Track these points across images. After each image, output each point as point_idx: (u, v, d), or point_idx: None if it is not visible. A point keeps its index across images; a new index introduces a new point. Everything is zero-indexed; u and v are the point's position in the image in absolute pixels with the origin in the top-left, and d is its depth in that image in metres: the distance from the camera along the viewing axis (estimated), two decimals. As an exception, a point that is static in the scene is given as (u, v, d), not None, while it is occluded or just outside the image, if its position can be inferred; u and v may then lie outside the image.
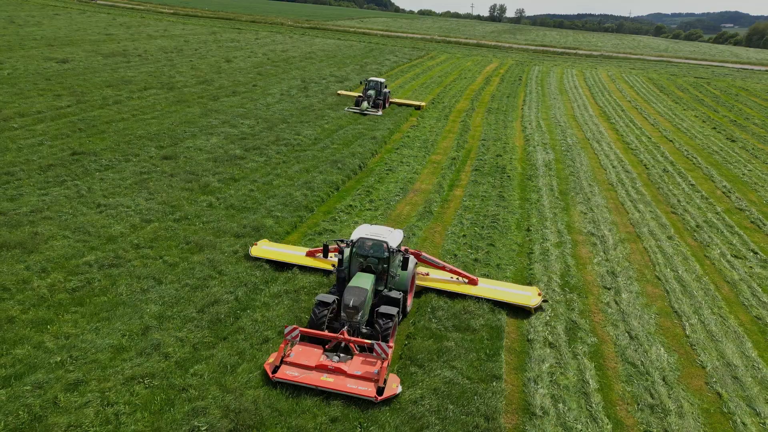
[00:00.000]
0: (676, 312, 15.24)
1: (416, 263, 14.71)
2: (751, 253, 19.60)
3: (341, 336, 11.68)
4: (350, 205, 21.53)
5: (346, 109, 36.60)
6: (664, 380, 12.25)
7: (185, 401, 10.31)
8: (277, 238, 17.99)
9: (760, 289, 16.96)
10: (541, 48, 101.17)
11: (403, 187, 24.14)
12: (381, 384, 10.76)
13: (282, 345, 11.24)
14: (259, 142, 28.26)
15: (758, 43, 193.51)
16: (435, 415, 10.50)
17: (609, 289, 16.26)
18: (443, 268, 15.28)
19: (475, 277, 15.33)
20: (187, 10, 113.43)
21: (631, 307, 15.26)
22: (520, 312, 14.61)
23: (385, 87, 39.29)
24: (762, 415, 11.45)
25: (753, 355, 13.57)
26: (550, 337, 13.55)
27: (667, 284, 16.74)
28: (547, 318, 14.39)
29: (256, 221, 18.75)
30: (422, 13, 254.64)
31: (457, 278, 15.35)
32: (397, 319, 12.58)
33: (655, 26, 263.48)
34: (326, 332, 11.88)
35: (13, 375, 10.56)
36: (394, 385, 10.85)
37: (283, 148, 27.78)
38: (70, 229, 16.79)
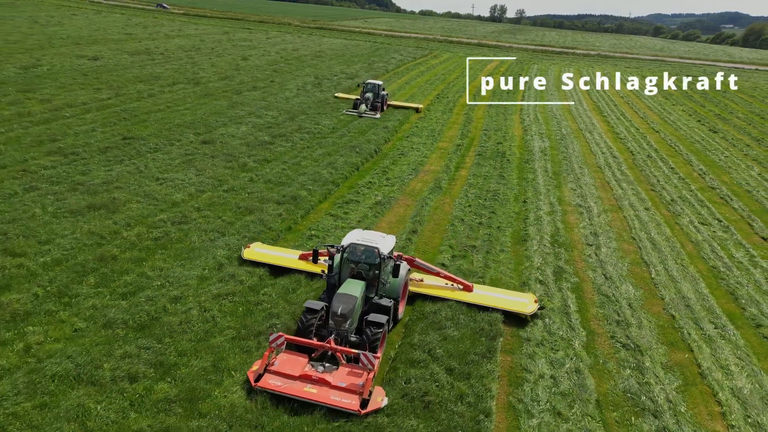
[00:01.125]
0: (645, 262, 18.50)
1: (408, 270, 14.33)
2: (716, 221, 22.85)
3: (328, 345, 11.47)
4: (370, 182, 24.78)
5: (344, 111, 36.49)
6: (629, 306, 15.51)
7: (261, 310, 13.59)
8: (311, 206, 21.21)
9: (719, 247, 20.20)
10: (540, 48, 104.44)
11: (414, 168, 27.39)
12: (366, 396, 10.52)
13: (266, 353, 11.03)
14: (283, 130, 31.49)
15: (755, 44, 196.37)
16: (450, 320, 13.77)
17: (591, 245, 19.52)
18: (437, 274, 15.05)
19: (469, 284, 15.17)
20: (197, 10, 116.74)
21: (608, 258, 18.52)
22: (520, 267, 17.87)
23: (383, 89, 38.79)
24: (704, 330, 14.68)
25: (705, 292, 16.81)
26: (540, 277, 16.80)
27: (640, 243, 20.00)
28: (538, 264, 17.64)
29: (292, 192, 22.01)
30: (423, 13, 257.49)
31: (452, 284, 15.19)
32: (386, 327, 12.34)
33: (654, 27, 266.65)
34: (312, 341, 11.67)
35: (128, 292, 13.83)
36: (379, 399, 10.59)
37: (305, 135, 31.00)
38: (140, 196, 20.07)
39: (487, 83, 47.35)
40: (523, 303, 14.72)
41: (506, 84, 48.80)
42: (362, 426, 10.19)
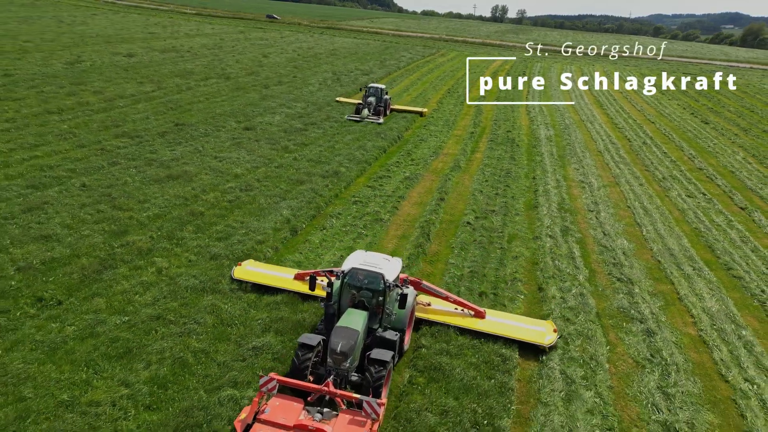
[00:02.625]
0: (637, 224, 21.90)
1: (416, 296, 13.28)
2: (701, 195, 26.25)
3: (325, 388, 10.18)
4: (397, 162, 28.18)
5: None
6: (623, 254, 18.91)
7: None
8: (350, 180, 24.56)
9: (702, 214, 23.58)
10: (542, 47, 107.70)
11: (434, 151, 30.80)
12: None
13: (256, 398, 9.87)
14: (313, 119, 34.88)
15: (753, 44, 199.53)
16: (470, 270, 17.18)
17: (592, 211, 22.91)
18: (446, 299, 13.97)
19: (482, 309, 13.98)
20: (209, 10, 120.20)
21: (606, 220, 21.92)
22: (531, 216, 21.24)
23: (386, 93, 37.86)
24: (684, 270, 18.02)
25: (687, 245, 20.20)
26: (549, 233, 20.19)
27: (633, 210, 23.39)
28: (548, 224, 21.03)
29: (333, 168, 25.40)
30: (425, 13, 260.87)
31: (462, 309, 14.04)
32: (392, 364, 11.04)
33: (653, 27, 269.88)
34: (308, 383, 10.36)
35: (221, 237, 17.26)
36: None
37: (333, 123, 34.38)
38: (206, 170, 23.48)
39: (491, 81, 50.71)
40: (541, 333, 13.33)
41: (504, 84, 52.17)
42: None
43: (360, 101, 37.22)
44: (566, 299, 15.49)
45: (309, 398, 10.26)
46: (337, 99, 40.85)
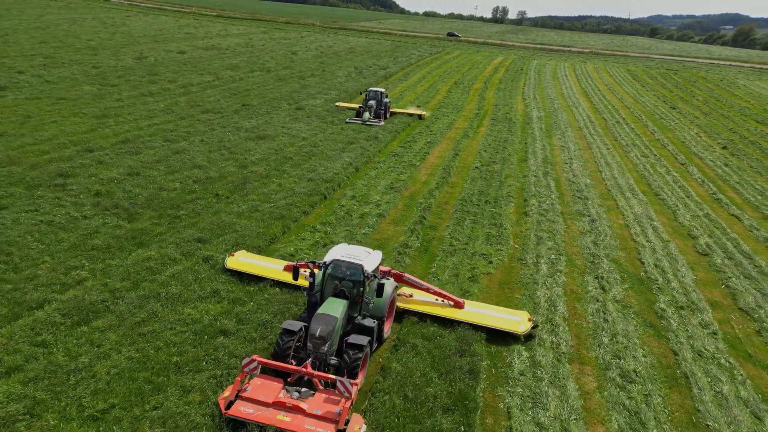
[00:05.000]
0: (599, 171, 30.03)
1: (395, 287, 13.80)
2: (653, 155, 34.37)
3: (304, 370, 10.94)
4: (420, 132, 36.29)
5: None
6: (585, 186, 27.02)
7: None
8: (386, 143, 32.65)
9: (649, 166, 31.68)
10: (540, 46, 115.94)
11: (447, 126, 38.93)
12: (342, 426, 10.06)
13: (238, 378, 10.56)
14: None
15: (743, 43, 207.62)
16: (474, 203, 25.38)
17: (566, 163, 31.04)
18: (427, 290, 14.67)
19: (461, 300, 14.75)
20: (228, 12, 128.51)
21: (576, 168, 30.05)
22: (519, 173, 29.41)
23: (386, 97, 39.25)
24: (626, 195, 26.11)
25: (632, 183, 28.29)
26: (534, 174, 28.31)
27: (598, 163, 31.52)
28: (534, 169, 29.15)
29: (372, 135, 33.49)
30: (427, 14, 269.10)
31: (443, 300, 14.73)
32: (369, 349, 11.87)
33: (650, 28, 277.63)
34: (288, 364, 11.14)
35: (310, 170, 25.36)
36: (356, 427, 10.12)
37: (365, 106, 42.49)
38: (281, 134, 31.61)
39: (495, 73, 58.70)
40: (516, 321, 14.13)
41: (510, 75, 60.05)
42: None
43: (360, 105, 38.67)
44: (541, 205, 23.65)
45: (289, 379, 11.11)
46: (337, 104, 41.27)
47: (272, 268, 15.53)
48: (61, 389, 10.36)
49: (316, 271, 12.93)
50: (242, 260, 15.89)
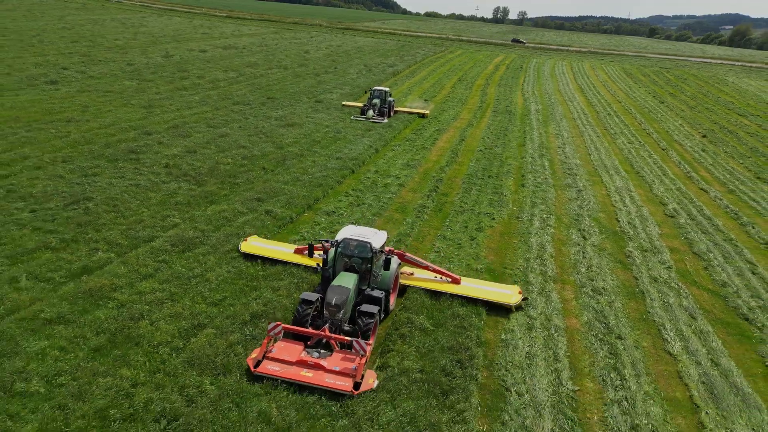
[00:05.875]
0: (588, 154, 34.05)
1: (399, 264, 14.96)
2: (638, 142, 38.39)
3: (322, 333, 12.09)
4: (428, 122, 40.31)
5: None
6: (575, 165, 31.04)
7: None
8: (398, 132, 36.66)
9: (634, 151, 35.70)
10: (539, 45, 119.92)
11: (453, 117, 42.97)
12: (358, 379, 11.15)
13: (265, 341, 11.68)
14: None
15: (739, 43, 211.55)
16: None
17: (560, 148, 35.07)
18: (426, 268, 15.64)
19: (457, 276, 15.74)
20: (237, 13, 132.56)
21: (568, 152, 34.08)
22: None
23: (390, 96, 40.51)
24: (610, 173, 30.13)
25: (617, 163, 32.29)
26: (531, 156, 32.34)
27: (588, 148, 35.54)
28: (531, 152, 33.17)
29: (387, 124, 37.49)
30: (428, 15, 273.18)
31: (441, 277, 15.75)
32: (378, 317, 13.04)
33: (649, 28, 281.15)
34: (307, 329, 12.28)
35: (337, 150, 29.39)
36: (370, 381, 11.22)
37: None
38: (306, 123, 35.63)
39: (496, 71, 62.68)
40: (508, 294, 15.24)
41: (511, 72, 64.04)
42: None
43: (365, 103, 40.37)
44: (536, 179, 27.69)
45: (309, 342, 12.30)
46: (344, 103, 42.70)
47: (283, 251, 16.53)
48: (187, 287, 14.44)
49: (329, 248, 14.17)
50: (255, 244, 16.84)
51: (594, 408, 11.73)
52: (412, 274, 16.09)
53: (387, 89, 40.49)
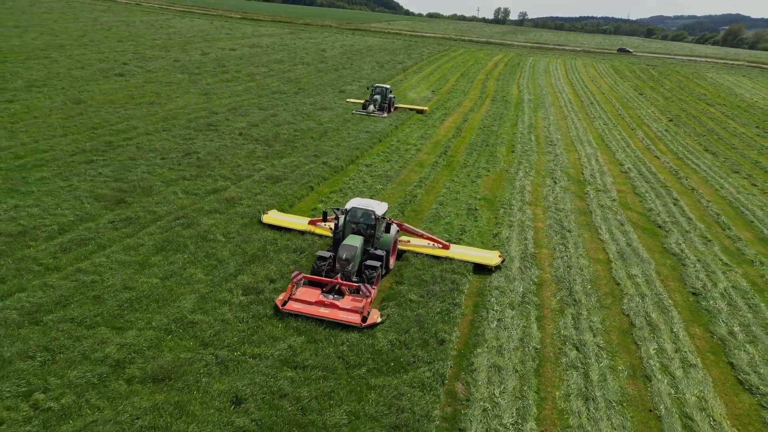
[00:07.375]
0: (568, 132, 41.49)
1: (398, 231, 17.59)
2: (612, 124, 45.82)
3: (336, 280, 14.91)
4: (436, 108, 47.79)
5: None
6: (556, 138, 38.49)
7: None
8: (411, 114, 44.05)
9: (608, 131, 43.11)
10: (537, 45, 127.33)
11: (457, 104, 50.44)
12: (365, 314, 14.01)
13: (289, 286, 14.70)
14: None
15: (732, 43, 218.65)
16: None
17: (546, 128, 42.51)
18: (421, 236, 18.35)
19: (447, 243, 18.40)
20: (251, 14, 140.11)
21: (552, 130, 41.52)
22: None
23: (391, 92, 43.35)
24: (584, 144, 37.53)
25: (591, 138, 39.72)
26: (521, 133, 39.77)
27: (569, 128, 42.97)
28: (521, 131, 40.60)
29: (402, 110, 44.92)
30: (431, 15, 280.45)
31: (433, 244, 18.39)
32: (380, 271, 15.73)
33: (647, 28, 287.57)
34: (323, 278, 15.02)
35: (365, 127, 36.86)
36: (375, 316, 14.08)
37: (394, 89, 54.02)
38: (335, 107, 43.06)
39: (495, 68, 69.99)
40: (490, 257, 18.04)
41: (508, 69, 71.33)
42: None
43: (367, 99, 43.41)
44: (523, 148, 35.16)
45: (324, 288, 15.03)
46: (348, 100, 46.16)
47: (299, 222, 19.54)
48: (283, 200, 21.95)
49: (339, 215, 17.07)
50: (275, 216, 19.95)
51: (546, 261, 19.19)
52: (408, 241, 18.90)
53: (388, 86, 43.89)
